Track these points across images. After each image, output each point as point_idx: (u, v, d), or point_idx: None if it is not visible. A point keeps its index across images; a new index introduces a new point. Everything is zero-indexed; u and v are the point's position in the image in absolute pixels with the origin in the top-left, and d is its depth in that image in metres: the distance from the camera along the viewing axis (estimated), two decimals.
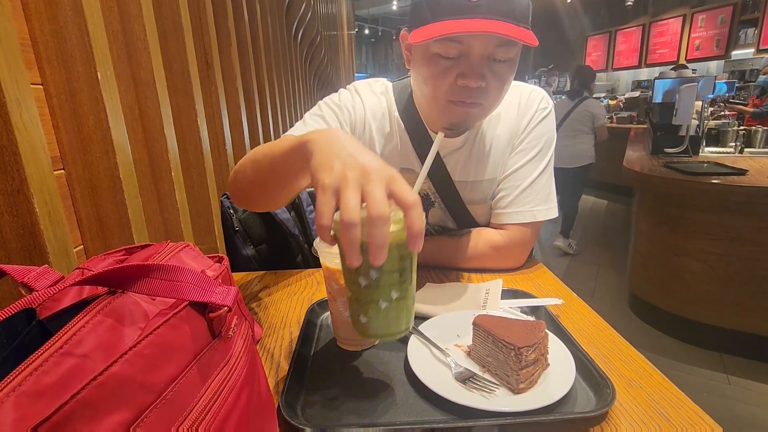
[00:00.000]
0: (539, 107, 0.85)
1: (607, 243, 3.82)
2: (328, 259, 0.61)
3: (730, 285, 2.01)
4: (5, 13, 0.44)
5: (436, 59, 0.69)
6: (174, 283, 0.35)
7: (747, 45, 5.90)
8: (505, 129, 0.85)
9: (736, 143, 2.75)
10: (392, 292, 0.42)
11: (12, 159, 0.45)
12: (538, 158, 0.84)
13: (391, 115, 0.85)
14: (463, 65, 0.67)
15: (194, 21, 0.96)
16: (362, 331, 0.45)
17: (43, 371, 0.27)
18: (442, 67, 0.68)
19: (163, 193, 0.78)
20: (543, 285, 0.79)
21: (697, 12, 6.54)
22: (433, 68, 0.69)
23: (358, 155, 0.41)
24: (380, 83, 0.88)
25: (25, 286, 0.37)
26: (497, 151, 0.85)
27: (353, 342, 0.60)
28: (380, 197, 0.38)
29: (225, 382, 0.35)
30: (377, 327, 0.44)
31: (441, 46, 0.67)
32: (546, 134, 0.85)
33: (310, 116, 0.82)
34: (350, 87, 0.87)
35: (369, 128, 0.84)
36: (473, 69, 0.67)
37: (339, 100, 0.84)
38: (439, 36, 0.64)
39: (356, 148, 0.43)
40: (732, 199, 1.93)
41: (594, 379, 0.50)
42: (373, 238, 0.38)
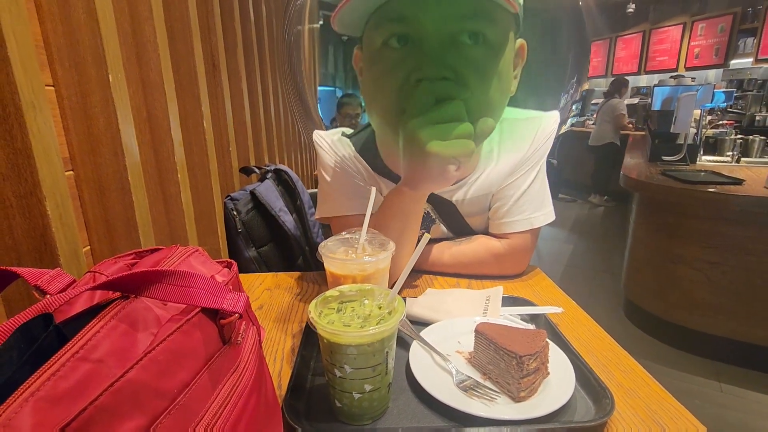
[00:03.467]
0: (548, 133, 0.79)
1: (604, 248, 3.85)
2: (332, 264, 0.62)
3: (725, 293, 2.03)
4: (22, 17, 0.45)
5: (382, 54, 0.52)
6: (186, 288, 0.35)
7: (746, 54, 5.94)
8: (512, 163, 0.78)
9: (733, 152, 2.78)
10: (366, 385, 0.44)
11: (26, 162, 0.46)
12: (531, 168, 0.83)
13: (367, 171, 0.76)
14: (417, 55, 0.50)
15: (202, 22, 0.96)
16: (337, 414, 0.47)
17: (60, 376, 0.28)
18: (390, 62, 0.51)
19: (169, 195, 0.78)
20: (542, 292, 0.80)
21: (697, 20, 6.58)
22: (379, 67, 0.52)
23: None
24: (337, 138, 0.78)
25: (38, 289, 0.37)
26: (500, 178, 0.80)
27: None
28: None
29: (235, 387, 0.36)
30: (351, 414, 0.46)
31: (380, 30, 0.50)
32: (540, 149, 0.82)
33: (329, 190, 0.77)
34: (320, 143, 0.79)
35: None
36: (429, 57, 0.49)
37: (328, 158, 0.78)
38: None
39: None
40: (728, 209, 1.95)
41: (593, 389, 0.51)
42: None
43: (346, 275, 0.60)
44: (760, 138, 2.88)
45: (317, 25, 2.08)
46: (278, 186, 1.30)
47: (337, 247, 0.64)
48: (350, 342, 0.43)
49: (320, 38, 2.06)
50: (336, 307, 0.49)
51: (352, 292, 0.51)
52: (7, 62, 0.43)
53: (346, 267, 0.60)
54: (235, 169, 1.20)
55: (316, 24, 2.02)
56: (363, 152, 0.76)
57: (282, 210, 1.20)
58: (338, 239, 0.65)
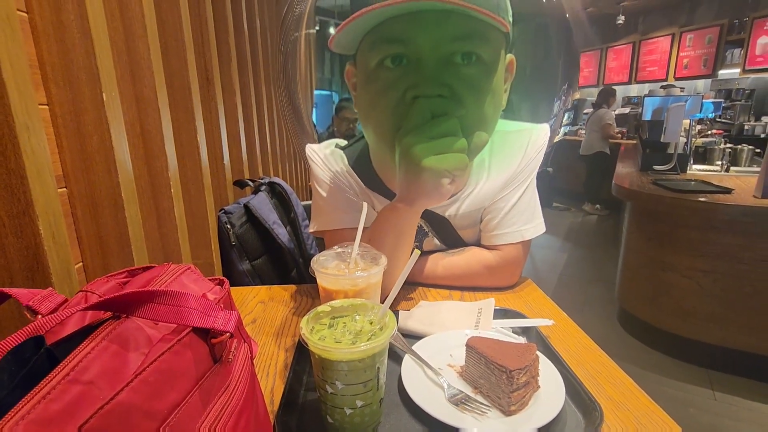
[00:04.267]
0: (539, 146, 0.80)
1: (598, 256, 3.87)
2: (324, 279, 0.62)
3: (717, 301, 2.05)
4: (17, 39, 0.45)
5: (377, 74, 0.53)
6: (177, 308, 0.36)
7: (733, 65, 6.06)
8: (503, 178, 0.79)
9: (722, 161, 2.82)
10: (357, 401, 0.45)
11: (19, 182, 0.46)
12: (522, 182, 0.83)
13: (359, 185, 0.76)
14: (413, 75, 0.51)
15: (196, 37, 0.97)
16: (329, 430, 0.47)
17: (50, 399, 0.28)
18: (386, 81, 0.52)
19: (162, 210, 0.79)
20: (533, 303, 0.81)
21: (685, 32, 6.72)
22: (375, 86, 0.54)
23: None
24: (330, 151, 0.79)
25: (30, 309, 0.37)
26: (492, 192, 0.81)
27: None
28: None
29: (226, 406, 0.36)
30: (342, 430, 0.46)
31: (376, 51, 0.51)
32: (531, 163, 0.82)
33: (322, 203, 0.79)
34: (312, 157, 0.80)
35: None
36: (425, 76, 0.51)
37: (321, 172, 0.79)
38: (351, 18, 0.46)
39: None
40: (718, 217, 1.97)
41: (583, 402, 0.51)
42: None
43: (338, 290, 0.60)
44: (749, 147, 2.93)
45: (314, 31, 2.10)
46: (272, 199, 1.30)
47: (330, 261, 0.65)
48: (341, 358, 0.43)
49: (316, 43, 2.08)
50: (327, 323, 0.50)
51: (344, 307, 0.52)
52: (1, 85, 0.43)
53: (338, 282, 0.61)
54: (229, 182, 1.21)
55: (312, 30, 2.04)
56: (356, 165, 0.77)
57: (276, 223, 1.21)
58: (330, 253, 0.65)
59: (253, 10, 1.48)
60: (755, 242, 1.93)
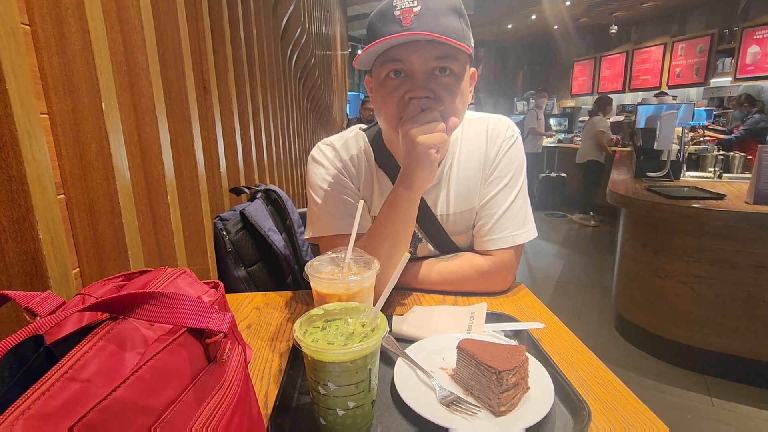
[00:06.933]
0: (506, 136, 0.90)
1: (594, 263, 3.88)
2: (318, 283, 0.63)
3: (712, 307, 2.06)
4: (20, 52, 0.47)
5: (385, 82, 0.78)
6: (173, 309, 0.37)
7: (725, 73, 6.16)
8: (476, 160, 0.90)
9: (715, 168, 2.86)
10: (349, 402, 0.46)
11: (20, 188, 0.47)
12: (511, 185, 0.88)
13: (369, 163, 0.92)
14: (409, 83, 0.76)
15: (193, 48, 0.99)
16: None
17: (49, 395, 0.29)
18: (391, 87, 0.77)
19: (159, 216, 0.80)
20: (526, 308, 0.82)
21: (677, 41, 6.83)
22: (384, 90, 0.78)
23: None
24: (353, 134, 0.95)
25: (29, 312, 0.38)
26: (471, 182, 0.90)
27: None
28: None
29: (219, 404, 0.37)
30: (335, 431, 0.47)
31: (385, 67, 0.76)
32: (516, 161, 0.89)
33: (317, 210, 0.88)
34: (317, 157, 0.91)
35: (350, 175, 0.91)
36: (417, 84, 0.75)
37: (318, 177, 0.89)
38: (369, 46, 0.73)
39: None
40: (711, 223, 1.99)
41: (572, 402, 0.52)
42: None
43: (332, 294, 0.61)
44: (740, 154, 2.97)
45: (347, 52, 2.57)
46: (268, 206, 1.31)
47: (324, 266, 0.66)
48: (333, 359, 0.44)
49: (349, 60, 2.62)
50: (321, 326, 0.51)
51: (337, 310, 0.53)
52: (5, 94, 0.45)
53: (332, 286, 0.62)
54: (225, 189, 1.22)
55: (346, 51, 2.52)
56: (374, 141, 0.92)
57: (271, 229, 1.22)
58: (324, 258, 0.67)
59: (249, 21, 1.51)
60: (748, 247, 1.95)
